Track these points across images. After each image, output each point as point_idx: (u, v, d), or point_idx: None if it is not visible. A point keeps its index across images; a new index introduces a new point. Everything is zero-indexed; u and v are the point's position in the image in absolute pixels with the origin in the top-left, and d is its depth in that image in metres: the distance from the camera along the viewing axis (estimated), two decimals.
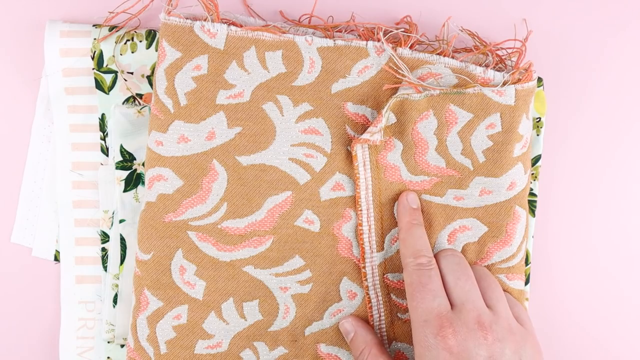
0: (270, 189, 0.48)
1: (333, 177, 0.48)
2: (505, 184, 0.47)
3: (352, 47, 0.47)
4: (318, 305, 0.49)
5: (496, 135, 0.47)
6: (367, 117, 0.48)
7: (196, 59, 0.46)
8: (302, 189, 0.48)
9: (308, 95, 0.47)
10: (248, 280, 0.48)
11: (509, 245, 0.48)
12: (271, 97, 0.47)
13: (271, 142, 0.48)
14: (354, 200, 0.48)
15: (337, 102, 0.48)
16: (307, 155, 0.48)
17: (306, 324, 0.49)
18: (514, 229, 0.48)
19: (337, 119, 0.48)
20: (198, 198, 0.47)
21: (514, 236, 0.48)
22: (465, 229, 0.48)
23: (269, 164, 0.48)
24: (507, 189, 0.47)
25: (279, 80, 0.47)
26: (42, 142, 0.52)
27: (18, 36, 0.51)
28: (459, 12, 0.52)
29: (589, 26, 0.52)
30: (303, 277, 0.49)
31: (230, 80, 0.47)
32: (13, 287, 0.52)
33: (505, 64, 0.49)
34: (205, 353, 0.48)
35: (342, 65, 0.47)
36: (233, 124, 0.47)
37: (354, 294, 0.49)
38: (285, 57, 0.47)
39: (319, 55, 0.47)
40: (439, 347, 0.43)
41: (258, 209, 0.48)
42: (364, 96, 0.48)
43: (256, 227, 0.48)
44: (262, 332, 0.49)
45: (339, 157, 0.48)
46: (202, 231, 0.48)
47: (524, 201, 0.48)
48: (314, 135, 0.48)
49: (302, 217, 0.48)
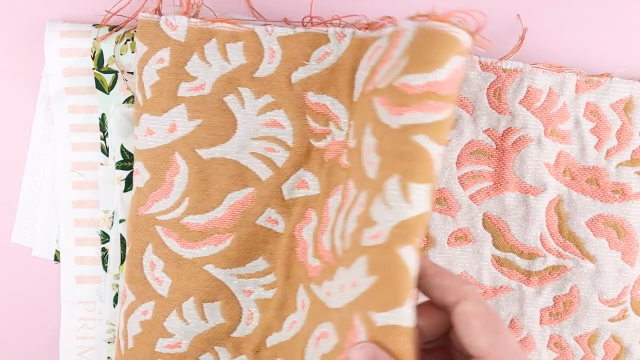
0: (231, 185, 0.46)
1: (297, 173, 0.46)
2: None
3: (312, 33, 0.46)
4: (278, 314, 0.46)
5: (360, 217, 0.39)
6: (327, 107, 0.46)
7: (159, 51, 0.46)
8: (264, 185, 0.46)
9: (269, 87, 0.46)
10: (208, 279, 0.47)
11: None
12: (232, 89, 0.46)
13: (232, 135, 0.46)
14: (317, 200, 0.46)
15: (297, 92, 0.46)
16: (269, 149, 0.46)
17: (267, 333, 0.47)
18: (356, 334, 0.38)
19: (299, 109, 0.46)
20: (162, 192, 0.47)
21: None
22: (326, 336, 0.39)
23: (229, 157, 0.46)
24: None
25: (239, 71, 0.46)
26: (42, 142, 0.52)
27: (18, 36, 0.51)
28: (457, 9, 0.52)
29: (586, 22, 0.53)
30: (267, 280, 0.47)
31: (191, 73, 0.46)
32: (13, 287, 0.52)
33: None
34: (165, 352, 0.47)
35: (302, 53, 0.46)
36: (193, 116, 0.46)
37: (303, 304, 0.46)
38: (245, 48, 0.46)
39: (279, 44, 0.46)
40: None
41: (218, 205, 0.46)
42: (324, 84, 0.46)
43: (216, 224, 0.46)
44: (224, 337, 0.47)
45: (301, 151, 0.46)
46: (167, 226, 0.47)
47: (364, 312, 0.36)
48: (276, 128, 0.46)
49: (264, 215, 0.46)
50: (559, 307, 0.53)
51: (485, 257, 0.52)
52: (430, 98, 0.37)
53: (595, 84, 0.52)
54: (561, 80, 0.52)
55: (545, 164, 0.52)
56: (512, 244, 0.52)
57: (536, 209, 0.52)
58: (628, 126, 0.52)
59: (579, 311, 0.53)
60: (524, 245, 0.52)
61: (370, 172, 0.39)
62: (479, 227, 0.52)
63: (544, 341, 0.52)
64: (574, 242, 0.52)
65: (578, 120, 0.52)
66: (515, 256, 0.52)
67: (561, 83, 0.52)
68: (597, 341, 0.52)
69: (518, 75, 0.51)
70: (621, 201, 0.52)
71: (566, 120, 0.52)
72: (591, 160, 0.52)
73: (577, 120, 0.52)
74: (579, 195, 0.52)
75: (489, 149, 0.52)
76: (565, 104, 0.52)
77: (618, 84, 0.52)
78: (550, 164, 0.52)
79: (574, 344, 0.53)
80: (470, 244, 0.52)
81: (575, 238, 0.52)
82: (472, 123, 0.51)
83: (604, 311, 0.52)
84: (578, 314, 0.52)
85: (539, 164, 0.52)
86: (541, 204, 0.52)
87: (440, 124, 0.37)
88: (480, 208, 0.52)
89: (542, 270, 0.52)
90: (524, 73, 0.51)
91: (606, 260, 0.52)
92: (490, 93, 0.51)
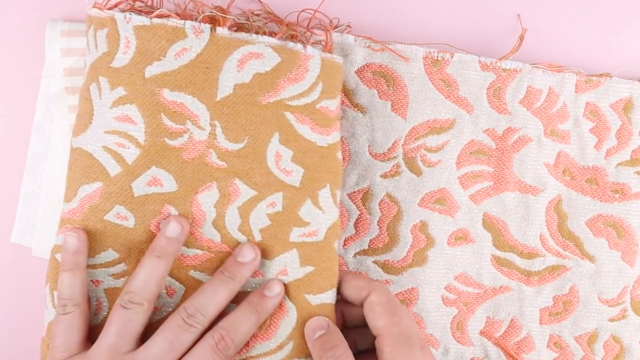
0: (84, 177, 0.45)
1: (148, 171, 0.45)
2: (276, 269, 0.46)
3: (169, 26, 0.44)
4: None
5: (275, 215, 0.46)
6: (185, 105, 0.44)
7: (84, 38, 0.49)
8: (113, 181, 0.44)
9: (122, 79, 0.44)
10: (57, 268, 0.45)
11: (269, 340, 0.45)
12: (95, 78, 0.45)
13: (88, 127, 0.45)
14: (175, 196, 0.45)
15: (151, 88, 0.44)
16: (119, 144, 0.44)
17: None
18: (277, 323, 0.46)
19: (152, 106, 0.44)
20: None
21: (276, 332, 0.46)
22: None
23: (85, 149, 0.45)
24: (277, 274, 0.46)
25: (101, 60, 0.45)
26: (42, 142, 0.51)
27: (18, 36, 0.51)
28: (457, 10, 0.52)
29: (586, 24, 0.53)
30: (117, 270, 0.45)
31: (85, 61, 0.46)
32: (13, 287, 0.52)
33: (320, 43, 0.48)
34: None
35: (158, 47, 0.44)
36: (74, 104, 0.48)
37: (173, 291, 0.46)
38: (108, 35, 0.44)
39: (134, 34, 0.44)
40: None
41: (74, 196, 0.45)
42: (181, 81, 0.44)
43: (70, 215, 0.45)
44: None
45: (154, 150, 0.44)
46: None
47: (297, 294, 0.46)
48: (127, 123, 0.44)
49: (112, 212, 0.45)
50: (559, 306, 0.53)
51: (485, 257, 0.52)
52: (338, 119, 0.47)
53: (594, 83, 0.52)
54: (561, 80, 0.52)
55: (545, 164, 0.52)
56: (511, 244, 0.52)
57: (536, 209, 0.52)
58: (627, 126, 0.52)
59: (579, 311, 0.53)
60: (524, 245, 0.52)
61: (289, 179, 0.45)
62: (478, 227, 0.52)
63: (544, 341, 0.52)
64: (573, 242, 0.52)
65: (578, 120, 0.52)
66: (515, 256, 0.52)
67: (561, 83, 0.52)
68: (597, 341, 0.53)
69: (518, 75, 0.51)
70: (621, 201, 0.52)
71: (566, 120, 0.52)
72: (591, 160, 0.52)
73: (576, 120, 0.52)
74: (578, 195, 0.52)
75: (488, 149, 0.52)
76: (565, 103, 0.52)
77: (617, 83, 0.52)
78: (550, 163, 0.52)
79: (573, 343, 0.53)
80: (470, 244, 0.52)
81: (574, 238, 0.52)
82: (471, 123, 0.52)
83: (604, 311, 0.53)
84: (578, 313, 0.53)
85: (539, 164, 0.52)
86: (541, 204, 0.52)
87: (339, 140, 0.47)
88: (480, 208, 0.52)
89: (542, 270, 0.52)
90: (524, 73, 0.51)
91: (606, 260, 0.53)
92: (490, 93, 0.51)
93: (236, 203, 0.45)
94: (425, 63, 0.51)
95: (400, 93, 0.51)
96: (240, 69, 0.45)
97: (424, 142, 0.51)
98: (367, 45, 0.50)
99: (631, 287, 0.53)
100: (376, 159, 0.51)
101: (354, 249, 0.51)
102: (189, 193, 0.45)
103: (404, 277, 0.51)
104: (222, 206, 0.45)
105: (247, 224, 0.46)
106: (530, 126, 0.52)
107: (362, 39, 0.50)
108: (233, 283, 0.44)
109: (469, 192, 0.52)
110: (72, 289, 0.43)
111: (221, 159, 0.45)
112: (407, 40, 0.52)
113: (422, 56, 0.51)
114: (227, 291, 0.44)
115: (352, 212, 0.51)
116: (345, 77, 0.50)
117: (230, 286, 0.44)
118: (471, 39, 0.52)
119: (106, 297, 0.45)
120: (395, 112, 0.51)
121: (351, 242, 0.51)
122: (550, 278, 0.52)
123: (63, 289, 0.43)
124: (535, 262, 0.52)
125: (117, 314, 0.43)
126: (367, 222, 0.51)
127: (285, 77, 0.45)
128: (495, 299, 0.52)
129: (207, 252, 0.46)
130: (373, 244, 0.51)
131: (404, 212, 0.51)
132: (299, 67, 0.45)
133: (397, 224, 0.51)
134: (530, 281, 0.52)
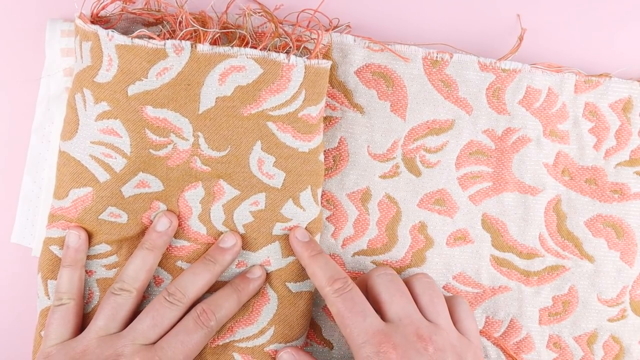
0: (73, 182, 0.46)
1: (136, 177, 0.47)
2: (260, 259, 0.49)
3: (149, 48, 0.44)
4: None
5: (258, 212, 0.48)
6: (168, 120, 0.46)
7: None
8: (103, 187, 0.46)
9: (106, 95, 0.45)
10: (52, 259, 0.47)
11: (251, 325, 0.48)
12: (79, 89, 0.46)
13: (74, 135, 0.46)
14: (163, 194, 0.48)
15: (134, 106, 0.45)
16: (106, 155, 0.46)
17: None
18: (259, 310, 0.49)
19: (136, 122, 0.46)
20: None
21: (258, 318, 0.48)
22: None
23: (73, 155, 0.46)
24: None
25: (86, 72, 0.45)
26: (42, 142, 0.52)
27: (18, 36, 0.51)
28: (457, 10, 0.52)
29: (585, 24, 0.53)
30: (109, 261, 0.48)
31: (74, 67, 0.47)
32: (13, 287, 0.52)
33: (308, 50, 0.48)
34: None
35: (139, 67, 0.44)
36: (61, 109, 0.49)
37: (160, 280, 0.49)
38: (92, 50, 0.45)
39: (116, 53, 0.44)
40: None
41: (65, 196, 0.47)
42: (163, 99, 0.45)
43: (63, 213, 0.47)
44: None
45: (140, 160, 0.46)
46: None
47: (279, 283, 0.49)
48: (112, 136, 0.46)
49: (106, 212, 0.47)
50: (558, 307, 0.53)
51: (484, 257, 0.52)
52: (321, 122, 0.48)
53: (594, 84, 0.52)
54: (560, 80, 0.52)
55: (544, 164, 0.52)
56: (511, 244, 0.52)
57: (535, 209, 0.52)
58: (627, 126, 0.52)
59: (578, 311, 0.53)
60: (523, 245, 0.52)
61: (271, 182, 0.48)
62: (478, 227, 0.52)
63: (543, 341, 0.52)
64: (572, 242, 0.52)
65: (577, 120, 0.52)
66: (514, 256, 0.52)
67: (560, 83, 0.52)
68: (596, 341, 0.53)
69: (517, 76, 0.51)
70: (620, 201, 0.52)
71: (565, 120, 0.52)
72: (590, 160, 0.52)
73: (576, 120, 0.52)
74: (577, 195, 0.52)
75: (488, 149, 0.52)
76: (564, 104, 0.52)
77: (617, 84, 0.52)
78: (549, 164, 0.52)
79: (573, 344, 0.53)
80: (470, 245, 0.52)
81: (574, 238, 0.52)
82: (471, 123, 0.52)
83: (603, 311, 0.53)
84: (577, 314, 0.53)
85: (538, 164, 0.52)
86: (540, 204, 0.52)
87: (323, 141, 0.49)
88: (480, 208, 0.52)
89: (541, 270, 0.52)
90: (523, 73, 0.51)
91: (605, 260, 0.53)
92: (489, 93, 0.51)
93: (221, 201, 0.48)
94: (424, 63, 0.51)
95: (399, 93, 0.51)
96: (222, 83, 0.46)
97: (423, 142, 0.51)
98: (367, 46, 0.50)
99: (630, 287, 0.53)
100: (375, 159, 0.51)
101: (352, 249, 0.51)
102: (175, 191, 0.48)
103: (402, 277, 0.51)
104: (207, 203, 0.48)
105: (232, 220, 0.48)
106: (529, 126, 0.52)
107: (361, 39, 0.50)
108: (214, 266, 0.47)
109: (468, 193, 0.52)
110: (70, 284, 0.46)
111: (205, 164, 0.47)
112: (406, 41, 0.52)
113: (421, 57, 0.51)
114: (208, 273, 0.47)
115: (351, 212, 0.51)
116: (344, 78, 0.50)
117: (210, 268, 0.47)
118: (470, 39, 0.52)
119: (98, 287, 0.48)
120: (394, 113, 0.51)
121: (350, 242, 0.51)
122: (549, 278, 0.52)
123: (62, 283, 0.46)
124: (535, 262, 0.52)
125: (108, 300, 0.46)
126: (366, 222, 0.51)
127: (267, 89, 0.46)
128: (494, 299, 0.52)
129: (194, 243, 0.48)
130: (372, 244, 0.51)
131: (403, 213, 0.51)
132: (281, 77, 0.46)
133: (396, 224, 0.51)
134: (530, 281, 0.52)
